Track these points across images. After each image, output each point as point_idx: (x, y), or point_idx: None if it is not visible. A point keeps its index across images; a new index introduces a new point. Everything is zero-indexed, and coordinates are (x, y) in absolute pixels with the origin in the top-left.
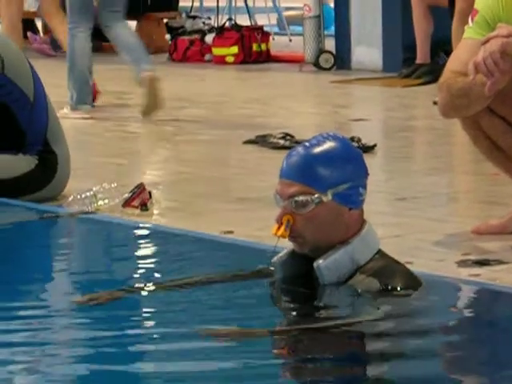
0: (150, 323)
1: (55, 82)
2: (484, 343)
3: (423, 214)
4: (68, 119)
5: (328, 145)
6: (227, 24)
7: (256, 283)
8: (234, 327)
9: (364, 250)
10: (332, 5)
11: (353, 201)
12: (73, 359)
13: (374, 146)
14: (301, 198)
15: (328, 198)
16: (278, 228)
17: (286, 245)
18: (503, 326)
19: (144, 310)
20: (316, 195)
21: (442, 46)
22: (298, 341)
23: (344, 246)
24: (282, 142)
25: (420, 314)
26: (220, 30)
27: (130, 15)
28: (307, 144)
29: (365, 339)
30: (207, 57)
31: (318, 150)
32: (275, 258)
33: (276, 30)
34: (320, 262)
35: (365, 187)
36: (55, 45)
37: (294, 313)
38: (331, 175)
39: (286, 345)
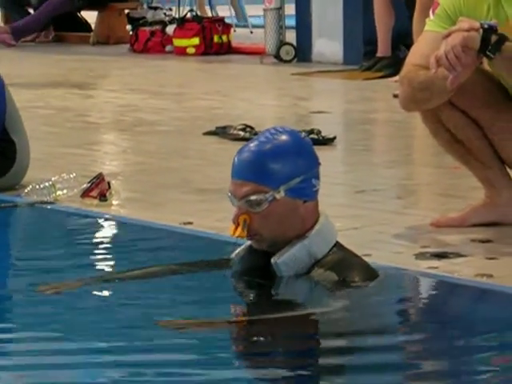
0: (107, 315)
1: (15, 72)
2: (441, 335)
3: (382, 207)
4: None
5: (277, 140)
6: (188, 15)
7: (215, 274)
8: (194, 318)
9: (321, 243)
10: None
11: (306, 193)
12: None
13: (334, 138)
14: (254, 197)
15: (281, 194)
16: (236, 229)
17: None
18: (461, 318)
19: (101, 300)
20: (269, 193)
21: (402, 40)
22: (256, 331)
23: (301, 241)
24: (242, 133)
25: (377, 306)
26: (181, 22)
27: (92, 5)
28: (256, 141)
29: (321, 331)
30: (168, 48)
31: (267, 146)
32: (233, 254)
33: (237, 21)
34: (277, 258)
35: (318, 178)
36: (16, 34)
37: (253, 304)
38: (282, 171)
39: (244, 335)
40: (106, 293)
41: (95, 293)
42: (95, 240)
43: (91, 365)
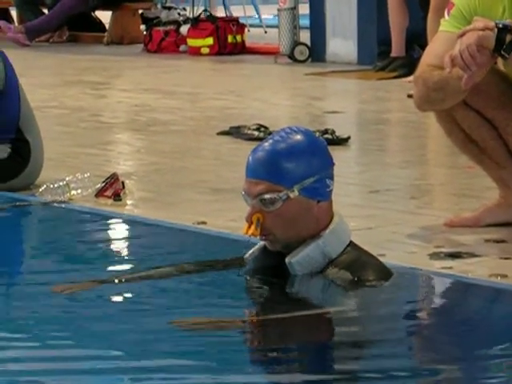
0: (124, 314)
1: (29, 71)
2: (455, 335)
3: (396, 207)
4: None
5: (291, 140)
6: (202, 15)
7: (229, 274)
8: (208, 318)
9: (335, 243)
10: None
11: (320, 193)
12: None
13: (348, 138)
14: (268, 196)
15: (295, 193)
16: (249, 227)
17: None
18: (475, 319)
19: (115, 301)
20: (283, 192)
21: (416, 40)
22: (270, 331)
23: (315, 241)
24: (256, 133)
25: (391, 306)
26: (195, 21)
27: (106, 5)
28: (270, 140)
29: (336, 330)
30: (182, 48)
31: (281, 146)
32: (247, 255)
33: (251, 21)
34: (291, 258)
35: (331, 178)
36: (30, 34)
37: (267, 303)
38: (296, 170)
39: (258, 335)
40: (119, 293)
41: (109, 293)
42: (109, 240)
43: (103, 370)
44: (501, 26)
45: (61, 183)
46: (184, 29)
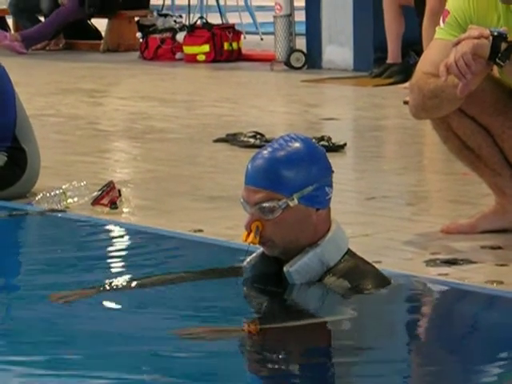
0: (120, 322)
1: (25, 79)
2: (452, 342)
3: (392, 214)
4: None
5: (291, 148)
6: (198, 22)
7: (227, 282)
8: (207, 326)
9: (333, 251)
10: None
11: (319, 201)
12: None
13: (344, 145)
14: (267, 204)
15: (294, 202)
16: (248, 235)
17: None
18: (471, 325)
19: (112, 309)
20: (282, 200)
21: (412, 46)
22: (268, 339)
23: (313, 249)
24: (252, 140)
25: (389, 314)
26: (191, 29)
27: (102, 13)
28: (270, 148)
29: (335, 338)
30: (178, 55)
31: (281, 154)
32: (245, 263)
33: (247, 28)
34: (290, 267)
35: (331, 185)
36: (26, 42)
37: (265, 311)
38: (296, 179)
39: (256, 343)
40: (116, 301)
41: (106, 301)
42: (106, 248)
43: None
44: (496, 33)
45: (57, 191)
46: (180, 36)
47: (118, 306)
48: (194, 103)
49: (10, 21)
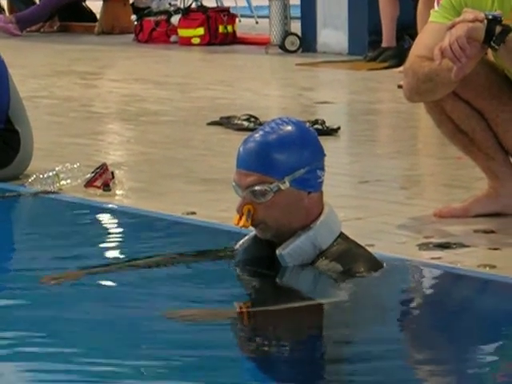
0: (112, 304)
1: (19, 61)
2: (444, 325)
3: (386, 197)
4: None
5: (282, 131)
6: (193, 5)
7: (218, 264)
8: (198, 308)
9: (325, 234)
10: None
11: (311, 184)
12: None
13: (338, 128)
14: (258, 187)
15: (286, 185)
16: (240, 218)
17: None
18: (463, 309)
19: (106, 290)
20: (274, 183)
21: (406, 29)
22: (260, 322)
23: (305, 232)
24: (246, 123)
25: (381, 297)
26: (186, 11)
27: None
28: (261, 132)
29: (326, 321)
30: (173, 38)
31: (272, 137)
32: (237, 245)
33: (242, 11)
34: (282, 250)
35: (323, 169)
36: (21, 24)
37: (257, 294)
38: (287, 162)
39: (248, 326)
40: (107, 283)
41: (97, 283)
42: (98, 230)
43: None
44: (490, 17)
45: (50, 173)
46: (175, 19)
47: (108, 288)
48: (188, 86)
49: (4, 2)
